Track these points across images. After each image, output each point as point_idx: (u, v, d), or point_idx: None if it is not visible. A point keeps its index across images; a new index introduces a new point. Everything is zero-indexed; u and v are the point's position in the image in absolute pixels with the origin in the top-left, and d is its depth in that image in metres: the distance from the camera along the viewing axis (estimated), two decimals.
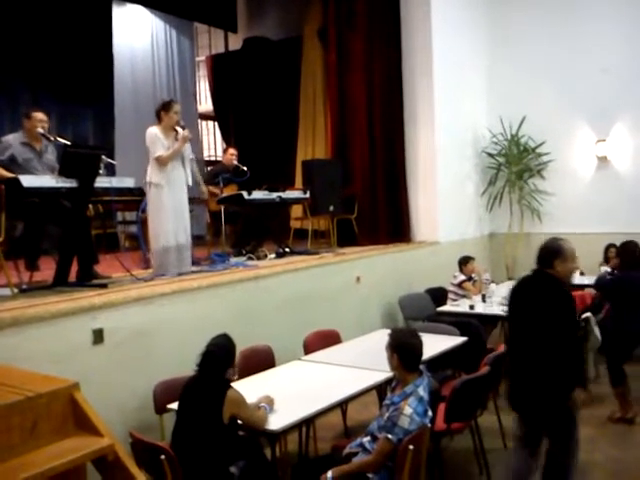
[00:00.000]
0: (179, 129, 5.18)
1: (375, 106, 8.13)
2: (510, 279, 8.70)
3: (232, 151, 7.28)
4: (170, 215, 5.11)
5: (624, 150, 8.61)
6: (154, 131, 5.12)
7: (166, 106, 5.19)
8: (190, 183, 5.31)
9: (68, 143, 4.91)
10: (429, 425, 3.22)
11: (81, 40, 8.78)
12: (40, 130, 4.87)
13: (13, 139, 4.79)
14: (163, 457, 2.93)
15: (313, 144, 9.83)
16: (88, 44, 8.90)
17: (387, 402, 3.30)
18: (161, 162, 5.05)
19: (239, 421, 3.18)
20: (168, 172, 5.10)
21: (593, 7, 8.60)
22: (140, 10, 9.60)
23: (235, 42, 11.56)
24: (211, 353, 3.21)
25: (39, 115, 4.85)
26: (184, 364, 3.51)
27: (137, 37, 9.74)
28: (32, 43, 8.40)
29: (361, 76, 8.14)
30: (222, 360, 3.21)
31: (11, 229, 4.64)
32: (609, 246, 7.68)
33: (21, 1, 8.05)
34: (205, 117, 12.39)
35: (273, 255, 6.52)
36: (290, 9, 10.64)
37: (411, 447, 3.01)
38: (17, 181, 4.15)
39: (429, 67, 8.03)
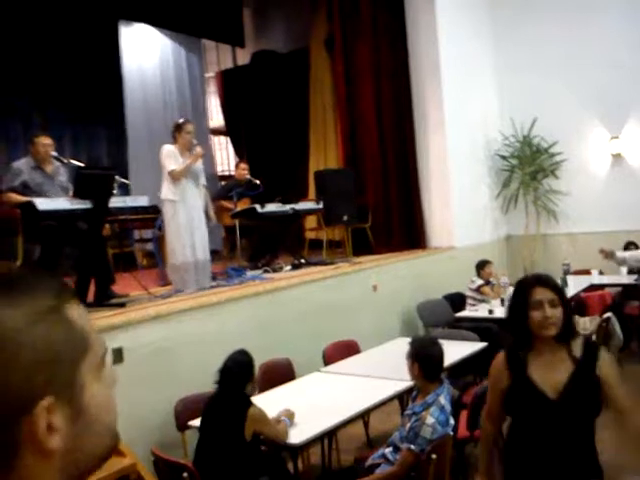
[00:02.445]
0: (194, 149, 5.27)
1: (385, 113, 8.13)
2: None
3: (243, 165, 7.32)
4: (186, 230, 5.16)
5: (638, 146, 8.52)
6: (170, 147, 5.23)
7: (179, 127, 5.31)
8: (203, 207, 5.39)
9: (81, 165, 4.97)
10: (451, 434, 3.19)
11: (91, 61, 8.88)
12: (54, 153, 4.95)
13: (23, 164, 4.85)
14: (186, 475, 2.93)
15: (325, 154, 9.85)
16: (98, 65, 9.00)
17: (408, 412, 3.28)
18: (174, 177, 5.13)
19: (261, 437, 3.17)
20: (182, 188, 5.17)
21: (601, 4, 8.52)
22: (148, 29, 9.70)
23: (243, 57, 11.65)
24: (229, 369, 3.22)
25: (42, 139, 4.91)
26: (205, 380, 3.51)
27: (146, 56, 9.83)
28: (42, 66, 8.52)
29: (369, 84, 8.15)
30: (240, 376, 3.21)
31: (28, 252, 4.70)
32: (628, 244, 7.60)
33: (30, 24, 8.16)
34: (216, 132, 12.47)
35: (289, 267, 6.53)
36: (296, 21, 10.71)
37: (434, 456, 2.98)
38: (32, 205, 4.20)
39: (437, 72, 8.02)
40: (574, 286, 6.98)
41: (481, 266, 6.82)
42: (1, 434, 0.57)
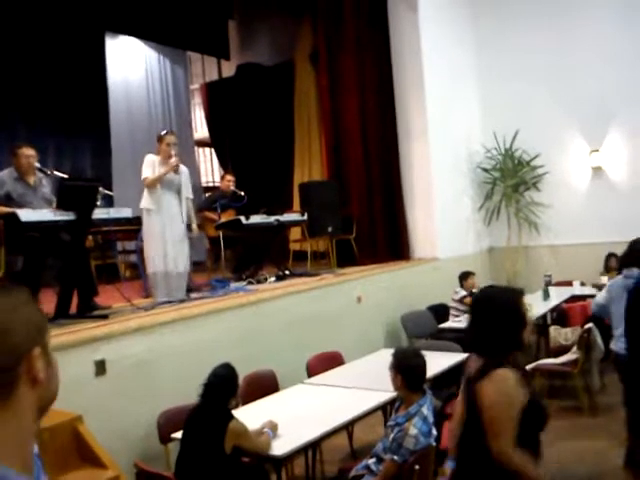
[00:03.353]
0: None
1: (369, 126, 8.19)
2: None
3: (229, 177, 7.32)
4: (160, 240, 5.15)
5: (618, 159, 8.65)
6: (151, 157, 5.28)
7: (159, 138, 5.41)
8: (184, 219, 5.38)
9: (65, 176, 4.96)
10: (434, 444, 3.21)
11: (76, 73, 8.86)
12: (37, 165, 4.93)
13: (6, 175, 4.82)
14: None
15: (309, 166, 9.90)
16: (83, 77, 8.97)
17: (391, 423, 3.29)
18: (147, 184, 5.17)
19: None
20: (158, 197, 5.18)
21: (583, 15, 8.66)
22: (133, 41, 9.72)
23: (228, 69, 11.69)
24: (212, 384, 3.21)
25: (24, 150, 4.88)
26: (188, 392, 3.50)
27: (131, 68, 9.84)
28: (27, 77, 8.48)
29: (354, 97, 8.21)
30: (223, 391, 3.21)
31: (11, 264, 4.67)
32: (610, 255, 7.69)
33: (16, 35, 8.13)
34: (201, 144, 12.48)
35: (273, 278, 6.53)
36: (281, 34, 10.77)
37: (417, 467, 3.00)
38: (15, 216, 4.18)
39: (421, 85, 8.10)
40: (556, 297, 7.06)
41: (464, 277, 6.87)
42: (12, 369, 0.90)
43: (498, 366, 2.22)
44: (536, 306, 6.50)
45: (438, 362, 4.48)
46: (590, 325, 5.52)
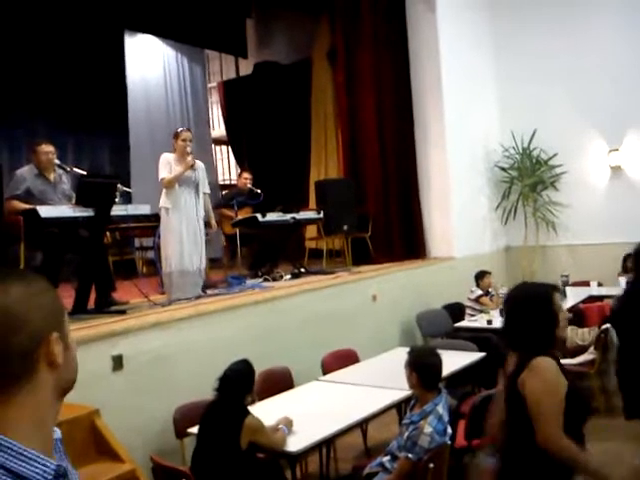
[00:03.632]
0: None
1: (385, 124, 8.17)
2: None
3: (246, 175, 7.36)
4: (177, 238, 5.20)
5: (638, 158, 8.56)
6: (166, 156, 5.32)
7: (175, 135, 5.43)
8: (202, 216, 5.42)
9: (84, 173, 5.02)
10: (449, 443, 3.21)
11: (95, 71, 8.93)
12: (57, 161, 5.00)
13: (26, 172, 4.89)
14: None
15: (325, 164, 9.91)
16: (102, 75, 9.05)
17: (406, 421, 3.30)
18: (165, 185, 5.22)
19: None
20: (176, 196, 5.23)
21: (600, 17, 8.58)
22: (151, 39, 9.79)
23: (246, 67, 11.73)
24: (228, 379, 3.23)
25: (44, 147, 4.94)
26: (204, 387, 3.53)
27: (149, 66, 9.91)
28: (46, 75, 8.57)
29: (371, 95, 8.20)
30: (240, 386, 3.22)
31: (31, 259, 4.73)
32: (628, 256, 7.60)
33: (35, 33, 8.22)
34: (219, 142, 12.53)
35: (289, 276, 6.55)
36: (298, 33, 10.78)
37: (431, 465, 3.00)
38: (35, 212, 4.23)
39: (438, 84, 8.08)
40: (573, 297, 6.99)
41: (480, 277, 6.85)
42: (31, 354, 0.94)
43: (536, 355, 2.25)
44: None
45: (453, 361, 4.48)
46: (607, 326, 5.47)
